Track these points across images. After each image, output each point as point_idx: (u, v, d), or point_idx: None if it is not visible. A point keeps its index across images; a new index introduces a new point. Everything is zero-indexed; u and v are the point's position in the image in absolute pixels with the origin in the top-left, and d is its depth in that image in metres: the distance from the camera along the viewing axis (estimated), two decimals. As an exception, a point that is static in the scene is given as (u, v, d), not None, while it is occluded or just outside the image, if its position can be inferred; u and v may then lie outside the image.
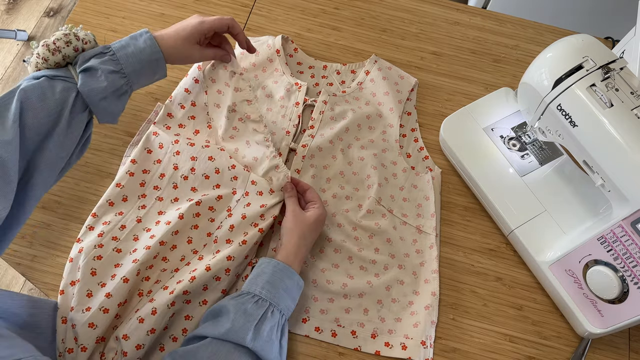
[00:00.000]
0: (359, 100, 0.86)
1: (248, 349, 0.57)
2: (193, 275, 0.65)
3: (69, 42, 0.62)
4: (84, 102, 0.62)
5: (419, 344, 0.69)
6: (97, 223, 0.70)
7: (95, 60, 0.62)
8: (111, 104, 0.63)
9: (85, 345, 0.61)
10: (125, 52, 0.63)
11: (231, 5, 0.95)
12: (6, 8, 1.92)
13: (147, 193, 0.73)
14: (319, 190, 0.79)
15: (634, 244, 0.61)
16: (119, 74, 0.63)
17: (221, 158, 0.74)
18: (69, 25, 0.64)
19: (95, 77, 0.61)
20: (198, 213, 0.71)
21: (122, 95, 0.64)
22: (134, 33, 0.66)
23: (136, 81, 0.65)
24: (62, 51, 0.61)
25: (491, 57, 0.93)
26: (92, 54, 0.63)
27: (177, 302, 0.64)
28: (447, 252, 0.77)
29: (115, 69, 0.62)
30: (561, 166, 0.78)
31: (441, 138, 0.83)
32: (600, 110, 0.61)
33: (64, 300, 0.65)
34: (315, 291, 0.72)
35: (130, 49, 0.64)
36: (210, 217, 0.72)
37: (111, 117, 0.66)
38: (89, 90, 0.61)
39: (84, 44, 0.64)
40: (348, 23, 0.95)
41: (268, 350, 0.58)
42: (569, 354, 0.71)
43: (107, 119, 0.66)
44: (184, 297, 0.65)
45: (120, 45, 0.64)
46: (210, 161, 0.73)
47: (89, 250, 0.67)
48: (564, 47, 0.65)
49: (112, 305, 0.63)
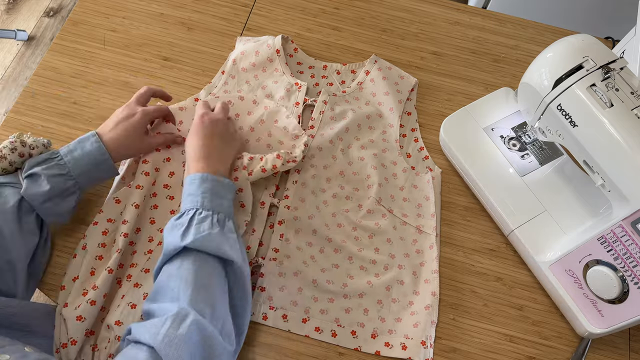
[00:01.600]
0: (359, 100, 0.86)
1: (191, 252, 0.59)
2: None
3: (14, 149, 0.66)
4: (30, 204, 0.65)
5: (419, 344, 0.69)
6: (101, 219, 0.72)
7: (40, 166, 0.65)
8: (57, 205, 0.66)
9: (74, 338, 0.63)
10: (72, 156, 0.67)
11: (231, 5, 0.95)
12: (6, 8, 1.92)
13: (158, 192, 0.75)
14: (319, 191, 0.79)
15: (634, 244, 0.61)
16: (65, 176, 0.66)
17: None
18: (18, 133, 0.69)
19: (38, 182, 0.64)
20: (155, 193, 0.74)
21: (70, 196, 0.67)
22: (82, 136, 0.69)
23: (86, 182, 0.68)
24: (7, 158, 0.66)
25: (491, 57, 0.93)
26: (40, 160, 0.66)
27: None
28: (447, 252, 0.77)
29: (62, 172, 0.66)
30: (561, 166, 0.78)
31: (441, 138, 0.83)
32: (600, 110, 0.61)
33: (64, 296, 0.66)
34: (315, 291, 0.72)
35: (77, 153, 0.67)
36: (169, 195, 0.74)
37: (58, 216, 0.67)
38: (32, 195, 0.64)
39: (31, 150, 0.68)
40: (348, 23, 0.95)
41: (207, 242, 0.59)
42: (569, 354, 0.71)
43: (53, 218, 0.67)
44: None
45: (68, 149, 0.67)
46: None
47: (92, 248, 0.70)
48: (564, 47, 0.65)
49: (99, 296, 0.65)
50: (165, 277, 0.58)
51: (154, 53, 0.89)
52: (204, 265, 0.59)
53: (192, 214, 0.62)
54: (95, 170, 0.68)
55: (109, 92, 0.86)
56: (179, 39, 0.91)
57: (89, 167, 0.67)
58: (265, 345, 0.69)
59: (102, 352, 0.64)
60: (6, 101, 1.75)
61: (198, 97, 0.84)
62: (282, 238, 0.74)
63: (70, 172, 0.66)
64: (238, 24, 0.93)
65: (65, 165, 0.66)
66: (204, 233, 0.60)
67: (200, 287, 0.57)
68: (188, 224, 0.61)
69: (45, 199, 0.64)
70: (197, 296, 0.56)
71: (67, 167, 0.66)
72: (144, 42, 0.90)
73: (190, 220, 0.61)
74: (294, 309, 0.71)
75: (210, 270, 0.60)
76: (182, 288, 0.56)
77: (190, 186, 0.65)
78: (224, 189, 0.66)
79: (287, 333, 0.70)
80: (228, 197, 0.66)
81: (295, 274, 0.72)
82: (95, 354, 0.64)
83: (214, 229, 0.61)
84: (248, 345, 0.69)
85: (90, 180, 0.68)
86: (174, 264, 0.59)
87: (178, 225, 0.61)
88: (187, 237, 0.59)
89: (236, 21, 0.94)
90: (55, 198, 0.65)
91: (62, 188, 0.65)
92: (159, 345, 0.50)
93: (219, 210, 0.64)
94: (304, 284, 0.72)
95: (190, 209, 0.63)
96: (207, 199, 0.64)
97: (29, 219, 0.64)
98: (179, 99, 0.85)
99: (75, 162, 0.66)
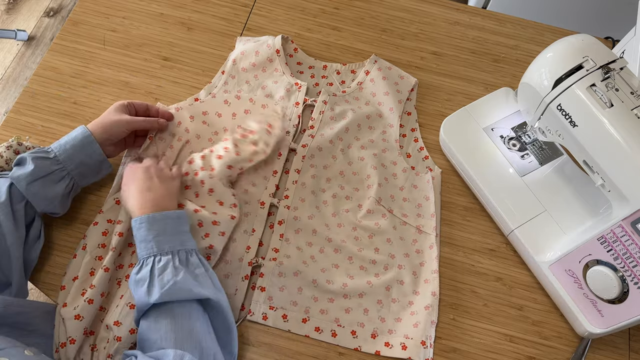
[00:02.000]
0: (359, 100, 0.86)
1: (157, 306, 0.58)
2: None
3: (10, 147, 0.71)
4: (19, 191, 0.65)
5: (419, 344, 0.69)
6: (101, 219, 0.72)
7: (28, 153, 0.67)
8: (44, 188, 0.66)
9: (73, 337, 0.63)
10: (59, 143, 0.68)
11: (231, 5, 0.95)
12: (6, 8, 1.92)
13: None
14: (319, 191, 0.79)
15: (634, 244, 0.61)
16: (52, 160, 0.67)
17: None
18: (16, 136, 0.72)
19: (24, 165, 0.66)
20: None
21: (60, 181, 0.67)
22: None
23: (75, 168, 0.68)
24: (3, 156, 0.70)
25: (491, 57, 0.93)
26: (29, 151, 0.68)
27: None
28: (447, 252, 0.77)
29: (48, 157, 0.67)
30: (561, 166, 0.78)
31: (441, 138, 0.83)
32: (600, 110, 0.61)
33: (64, 296, 0.67)
34: (315, 291, 0.72)
35: (64, 140, 0.69)
36: None
37: (48, 202, 0.67)
38: (17, 177, 0.65)
39: (26, 149, 0.70)
40: (348, 23, 0.95)
41: (175, 293, 0.58)
42: (569, 354, 0.71)
43: (43, 205, 0.67)
44: None
45: (57, 140, 0.69)
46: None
47: (92, 249, 0.70)
48: (564, 47, 0.65)
49: (96, 295, 0.65)
50: (145, 329, 0.58)
51: (154, 53, 0.89)
52: (180, 312, 0.58)
53: (150, 264, 0.60)
54: (81, 154, 0.68)
55: (109, 92, 0.86)
56: (179, 39, 0.91)
57: (74, 150, 0.68)
58: (265, 345, 0.69)
59: (101, 352, 0.64)
60: (6, 101, 1.75)
61: (198, 97, 0.84)
62: (282, 238, 0.74)
63: (57, 156, 0.67)
64: (238, 24, 0.93)
65: (51, 152, 0.67)
66: (170, 284, 0.58)
67: (182, 336, 0.57)
68: (150, 278, 0.59)
69: (30, 180, 0.65)
70: (182, 346, 0.56)
71: (53, 152, 0.67)
72: (144, 42, 0.90)
73: (151, 272, 0.59)
74: (294, 309, 0.71)
75: (187, 313, 0.59)
76: (165, 340, 0.56)
77: (139, 232, 0.62)
78: (176, 222, 0.64)
79: (287, 333, 0.70)
80: (183, 229, 0.64)
81: (295, 274, 0.72)
82: (94, 354, 0.64)
83: (178, 274, 0.59)
84: (248, 345, 0.69)
85: (80, 166, 0.68)
86: (149, 318, 0.58)
87: (141, 281, 0.59)
88: (152, 293, 0.58)
89: (236, 21, 0.94)
90: (40, 180, 0.65)
91: (48, 170, 0.66)
92: None
93: (177, 248, 0.62)
94: (304, 284, 0.72)
95: (146, 257, 0.61)
96: (161, 241, 0.61)
97: (20, 207, 0.65)
98: (179, 99, 0.85)
99: (60, 147, 0.68)
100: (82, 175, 0.70)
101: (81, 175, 0.69)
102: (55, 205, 0.68)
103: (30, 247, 0.68)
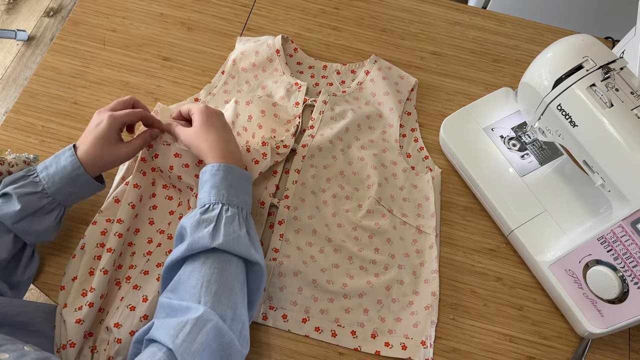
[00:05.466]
0: (359, 100, 0.86)
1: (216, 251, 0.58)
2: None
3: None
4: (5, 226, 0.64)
5: (419, 344, 0.69)
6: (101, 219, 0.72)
7: (13, 185, 0.63)
8: (33, 224, 0.64)
9: (73, 340, 0.63)
10: (47, 172, 0.64)
11: (231, 5, 0.95)
12: (6, 8, 1.92)
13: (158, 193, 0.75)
14: (319, 191, 0.79)
15: (634, 244, 0.61)
16: (40, 194, 0.63)
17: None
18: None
19: (10, 202, 0.62)
20: (154, 194, 0.74)
21: (49, 214, 0.65)
22: (60, 151, 0.66)
23: (65, 198, 0.65)
24: None
25: (491, 57, 0.93)
26: (15, 178, 0.64)
27: None
28: (447, 252, 0.77)
29: (36, 190, 0.63)
30: (561, 166, 0.78)
31: (441, 138, 0.83)
32: (600, 110, 0.61)
33: (64, 296, 0.66)
34: (315, 291, 0.72)
35: (52, 169, 0.64)
36: (168, 195, 0.74)
37: (37, 235, 0.65)
38: (2, 215, 0.62)
39: (11, 167, 0.67)
40: (348, 23, 0.95)
41: (236, 245, 0.58)
42: (569, 354, 0.71)
43: (32, 238, 0.65)
44: None
45: (44, 165, 0.65)
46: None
47: (90, 248, 0.70)
48: (564, 47, 0.65)
49: (96, 298, 0.65)
50: (188, 271, 0.57)
51: (154, 53, 0.89)
52: (228, 266, 0.58)
53: (218, 210, 0.60)
54: (72, 186, 0.64)
55: (109, 92, 0.86)
56: (179, 39, 0.91)
57: (64, 183, 0.64)
58: (265, 345, 0.69)
59: (101, 354, 0.64)
60: (6, 101, 1.75)
61: (198, 97, 0.84)
62: (282, 238, 0.74)
63: (45, 189, 0.63)
64: (238, 24, 0.93)
65: (39, 183, 0.63)
66: (234, 235, 0.59)
67: (223, 289, 0.56)
68: (216, 222, 0.59)
69: (18, 219, 0.62)
70: (220, 298, 0.55)
71: (41, 184, 0.63)
72: (144, 42, 0.90)
73: (219, 217, 0.60)
74: (293, 309, 0.71)
75: (234, 271, 0.58)
76: (205, 288, 0.55)
77: (214, 177, 0.62)
78: (246, 182, 0.65)
79: (287, 333, 0.70)
80: (249, 190, 0.65)
81: (295, 274, 0.72)
82: (94, 356, 0.64)
83: (242, 229, 0.60)
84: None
85: (71, 196, 0.66)
86: (198, 260, 0.57)
87: (205, 222, 0.59)
88: (217, 237, 0.58)
89: (236, 21, 0.94)
90: (28, 217, 0.63)
91: (36, 207, 0.63)
92: (178, 349, 0.49)
93: (242, 206, 0.62)
94: (304, 284, 0.72)
95: (215, 203, 0.61)
96: (232, 194, 0.62)
97: (7, 239, 0.63)
98: (178, 99, 0.85)
99: (50, 178, 0.63)
100: (72, 201, 0.67)
101: (72, 201, 0.67)
102: (46, 237, 0.66)
103: (24, 270, 0.67)
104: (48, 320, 0.64)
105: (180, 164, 0.72)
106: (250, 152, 0.74)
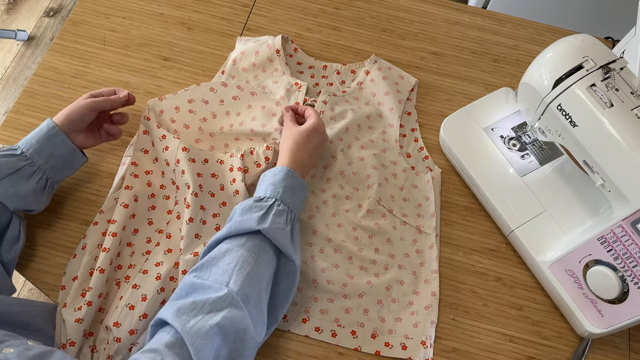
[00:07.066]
0: (359, 100, 0.86)
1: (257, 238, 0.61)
2: (176, 261, 0.68)
3: None
4: None
5: (419, 344, 0.69)
6: (102, 219, 0.72)
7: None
8: (14, 186, 0.65)
9: (73, 339, 0.63)
10: (25, 138, 0.68)
11: (231, 5, 0.95)
12: (6, 8, 1.92)
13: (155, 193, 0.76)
14: (318, 191, 0.79)
15: (634, 244, 0.61)
16: (19, 157, 0.66)
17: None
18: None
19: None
20: (152, 194, 0.74)
21: (31, 177, 0.67)
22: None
23: (44, 161, 0.67)
24: None
25: (491, 57, 0.93)
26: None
27: (165, 287, 0.67)
28: (447, 252, 0.77)
29: (14, 153, 0.66)
30: (561, 166, 0.78)
31: (441, 138, 0.83)
32: (600, 110, 0.61)
33: (64, 296, 0.67)
34: (315, 291, 0.72)
35: (30, 135, 0.68)
36: (165, 195, 0.75)
37: (19, 200, 0.66)
38: None
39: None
40: (348, 23, 0.95)
41: (279, 236, 0.62)
42: (569, 354, 0.71)
43: (15, 203, 0.66)
44: (172, 284, 0.68)
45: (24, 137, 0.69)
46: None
47: (91, 249, 0.70)
48: (564, 47, 0.65)
49: (94, 297, 0.65)
50: (224, 249, 0.60)
51: (154, 53, 0.89)
52: (264, 255, 0.61)
53: (271, 202, 0.64)
54: (49, 146, 0.68)
55: (109, 92, 0.86)
56: (179, 39, 0.91)
57: (41, 143, 0.67)
58: (265, 345, 0.69)
59: (100, 354, 0.64)
60: (6, 101, 1.75)
61: None
62: (282, 238, 0.75)
63: (24, 152, 0.66)
64: (238, 24, 0.93)
65: (18, 148, 0.67)
66: (279, 226, 0.62)
67: (255, 273, 0.58)
68: (267, 211, 0.63)
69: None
70: (250, 280, 0.57)
71: (20, 148, 0.67)
72: (144, 42, 0.90)
73: (269, 208, 0.63)
74: (293, 309, 0.71)
75: (268, 261, 0.61)
76: (239, 268, 0.57)
77: (276, 176, 0.67)
78: (302, 190, 0.69)
79: (287, 333, 0.70)
80: (303, 198, 0.69)
81: (295, 274, 0.72)
82: (94, 355, 0.64)
83: (287, 226, 0.64)
84: (248, 345, 0.69)
85: (50, 159, 0.68)
86: (238, 241, 0.60)
87: (256, 208, 0.63)
88: (264, 222, 0.61)
89: (236, 21, 0.94)
90: (8, 177, 0.65)
91: (15, 166, 0.65)
92: (187, 332, 0.50)
93: (292, 208, 0.66)
94: (304, 284, 0.72)
95: (270, 197, 0.65)
96: (287, 193, 0.66)
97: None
98: (179, 99, 0.85)
99: (27, 142, 0.67)
100: (54, 169, 0.69)
101: (53, 168, 0.69)
102: (28, 202, 0.67)
103: (8, 248, 0.67)
104: (48, 320, 0.64)
105: (187, 157, 0.72)
106: (253, 155, 0.75)
